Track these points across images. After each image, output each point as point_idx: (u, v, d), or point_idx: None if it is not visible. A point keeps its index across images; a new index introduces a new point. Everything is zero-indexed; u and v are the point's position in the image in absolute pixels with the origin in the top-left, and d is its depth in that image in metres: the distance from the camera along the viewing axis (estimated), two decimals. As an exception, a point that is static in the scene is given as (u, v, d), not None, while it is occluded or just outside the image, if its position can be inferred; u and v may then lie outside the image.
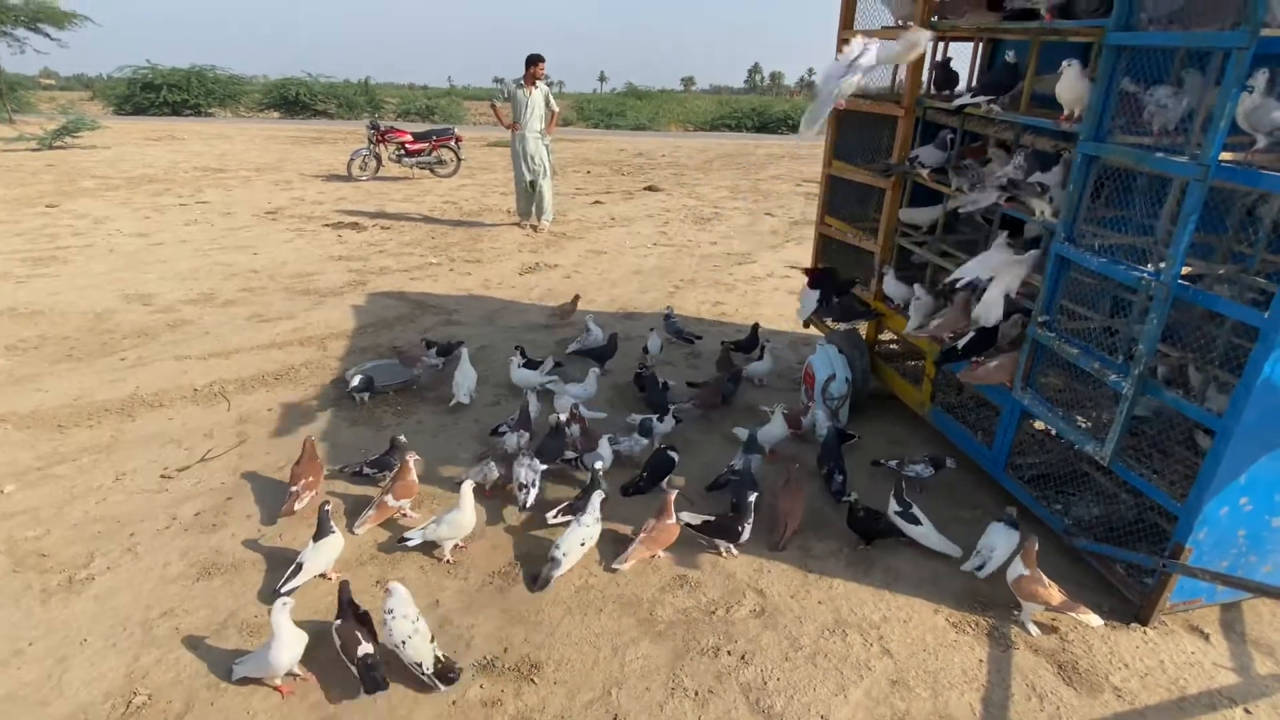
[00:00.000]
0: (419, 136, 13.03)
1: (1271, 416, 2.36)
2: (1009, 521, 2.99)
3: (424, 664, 2.37)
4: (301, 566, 2.73)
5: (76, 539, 3.05)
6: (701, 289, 7.02)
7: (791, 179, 14.89)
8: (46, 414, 4.07)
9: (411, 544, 2.91)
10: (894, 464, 3.71)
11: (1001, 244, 3.42)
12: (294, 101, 26.81)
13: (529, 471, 3.28)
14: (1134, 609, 2.80)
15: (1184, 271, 2.49)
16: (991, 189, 3.45)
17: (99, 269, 6.85)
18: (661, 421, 3.83)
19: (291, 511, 3.16)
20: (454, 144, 13.26)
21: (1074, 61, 2.97)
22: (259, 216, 9.47)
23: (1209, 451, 2.46)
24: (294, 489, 3.20)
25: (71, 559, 2.93)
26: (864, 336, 4.55)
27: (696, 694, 2.40)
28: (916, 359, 4.72)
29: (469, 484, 3.02)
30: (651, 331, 5.16)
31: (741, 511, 3.07)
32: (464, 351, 4.49)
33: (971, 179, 3.57)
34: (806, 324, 5.29)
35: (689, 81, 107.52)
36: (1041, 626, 2.72)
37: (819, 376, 4.23)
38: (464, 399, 4.30)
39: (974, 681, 2.48)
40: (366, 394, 4.34)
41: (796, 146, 22.06)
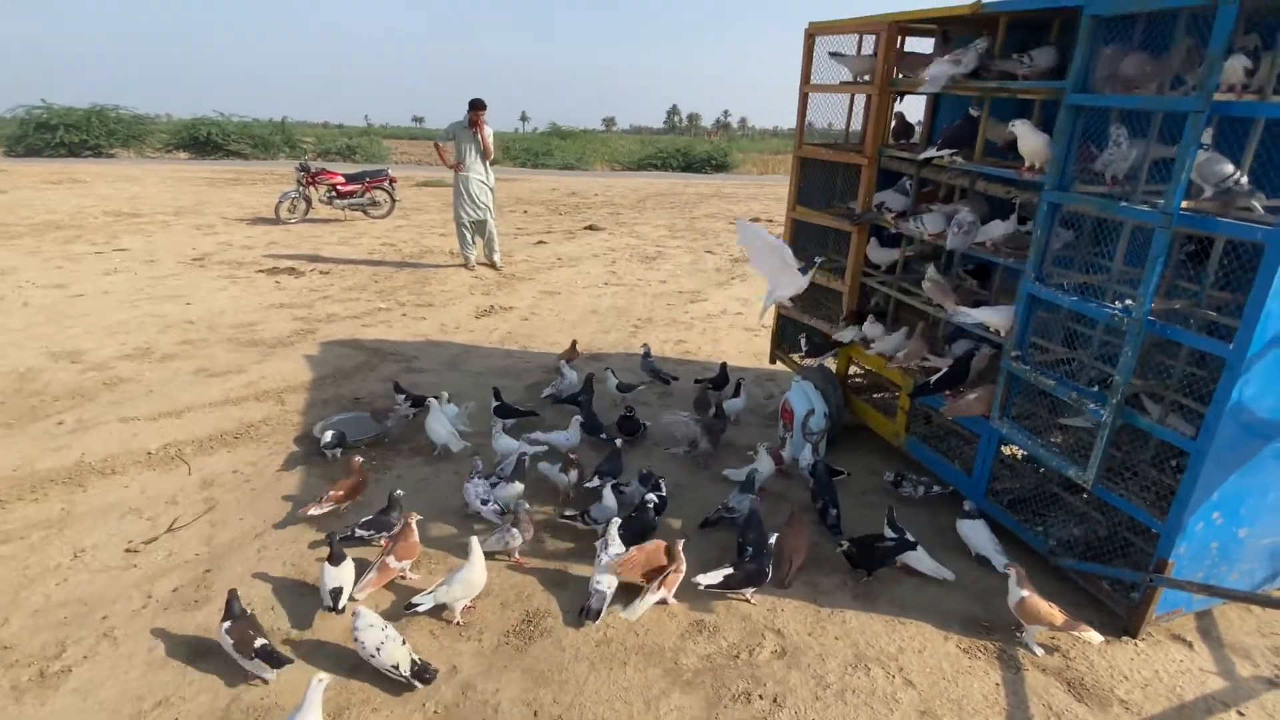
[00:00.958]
0: (351, 178, 12.75)
1: (1239, 438, 2.60)
2: (971, 514, 3.41)
3: (400, 665, 2.52)
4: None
5: (42, 627, 2.78)
6: (661, 328, 7.11)
7: (724, 217, 15.36)
8: (-20, 488, 3.71)
9: (422, 609, 2.80)
10: (890, 480, 3.95)
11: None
12: (205, 142, 25.67)
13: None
14: (1122, 622, 2.99)
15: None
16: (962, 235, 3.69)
17: (14, 324, 6.33)
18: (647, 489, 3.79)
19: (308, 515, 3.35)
20: (388, 185, 13.03)
21: (1024, 120, 3.26)
22: (185, 263, 9.00)
23: (1185, 471, 2.68)
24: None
25: (40, 650, 2.66)
26: (835, 371, 4.73)
27: (737, 742, 2.40)
28: (883, 391, 4.94)
29: (476, 540, 2.94)
30: (608, 371, 5.18)
31: (762, 554, 3.08)
32: (433, 403, 4.38)
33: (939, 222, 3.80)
34: (773, 360, 5.45)
35: (610, 122, 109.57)
36: (1044, 646, 2.86)
37: (798, 412, 4.35)
38: (454, 446, 4.21)
39: (995, 706, 2.58)
40: (339, 449, 4.17)
41: (721, 185, 22.82)
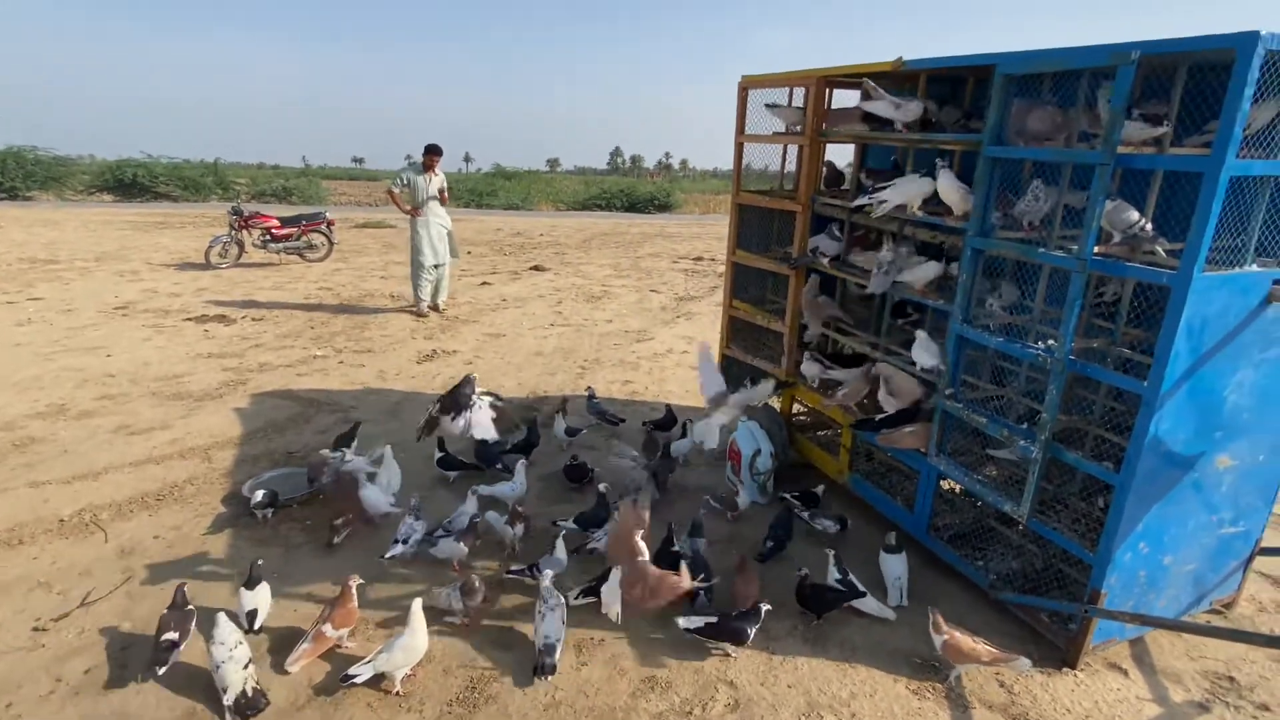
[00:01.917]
0: (287, 221, 12.45)
1: (1158, 469, 2.73)
2: (892, 548, 3.45)
3: (228, 691, 2.55)
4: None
5: (-70, 723, 2.53)
6: (608, 369, 7.10)
7: (668, 256, 15.58)
8: None
9: (360, 680, 2.65)
10: (806, 515, 3.94)
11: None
12: (131, 184, 24.81)
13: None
14: (1061, 654, 3.06)
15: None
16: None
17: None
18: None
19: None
20: (325, 228, 12.78)
21: (946, 170, 3.43)
22: (107, 313, 8.58)
23: (1111, 503, 2.79)
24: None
25: (-73, 751, 2.42)
26: (779, 409, 4.79)
27: (691, 804, 2.33)
28: (825, 429, 5.02)
29: (418, 602, 2.82)
30: (557, 415, 5.13)
31: (747, 615, 3.03)
32: (388, 450, 4.23)
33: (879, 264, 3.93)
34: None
35: (554, 163, 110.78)
36: (988, 681, 2.90)
37: (745, 453, 4.38)
38: (385, 508, 3.91)
39: (946, 747, 2.59)
40: (270, 510, 3.97)
41: (665, 225, 23.20)
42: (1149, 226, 2.87)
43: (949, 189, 3.36)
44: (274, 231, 12.16)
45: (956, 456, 3.48)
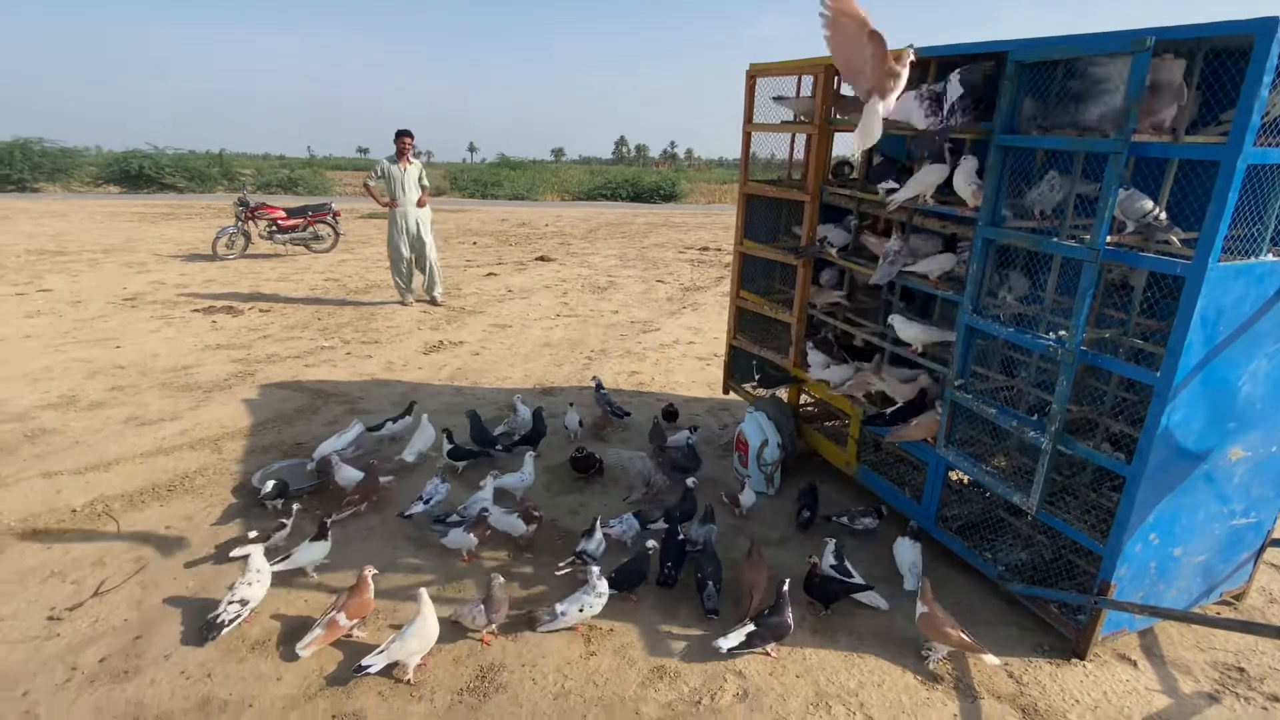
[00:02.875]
0: (293, 213, 12.47)
1: (1170, 461, 2.71)
2: (912, 536, 3.49)
3: (235, 601, 2.94)
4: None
5: (-52, 710, 2.56)
6: (615, 359, 7.10)
7: (674, 246, 15.54)
8: (-119, 557, 3.43)
9: (374, 670, 2.67)
10: (844, 518, 3.92)
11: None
12: (137, 175, 24.86)
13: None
14: (1071, 645, 3.05)
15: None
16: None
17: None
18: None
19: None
20: (331, 219, 12.79)
21: (968, 156, 3.39)
22: (116, 304, 8.62)
23: (1122, 495, 2.78)
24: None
25: (-54, 737, 2.45)
26: (787, 400, 4.78)
27: (701, 792, 2.34)
28: (833, 419, 5.01)
29: (425, 591, 2.84)
30: (570, 406, 5.14)
31: (781, 603, 3.02)
32: (425, 417, 4.57)
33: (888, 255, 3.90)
34: (726, 390, 5.48)
35: (559, 152, 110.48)
36: (996, 672, 2.91)
37: (752, 443, 4.38)
38: (410, 457, 4.23)
39: (954, 737, 2.59)
40: (280, 500, 3.99)
41: (670, 214, 23.13)
42: (1163, 216, 2.84)
43: (964, 180, 3.32)
44: (280, 222, 12.18)
45: (965, 447, 3.47)
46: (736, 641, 2.92)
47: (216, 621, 2.93)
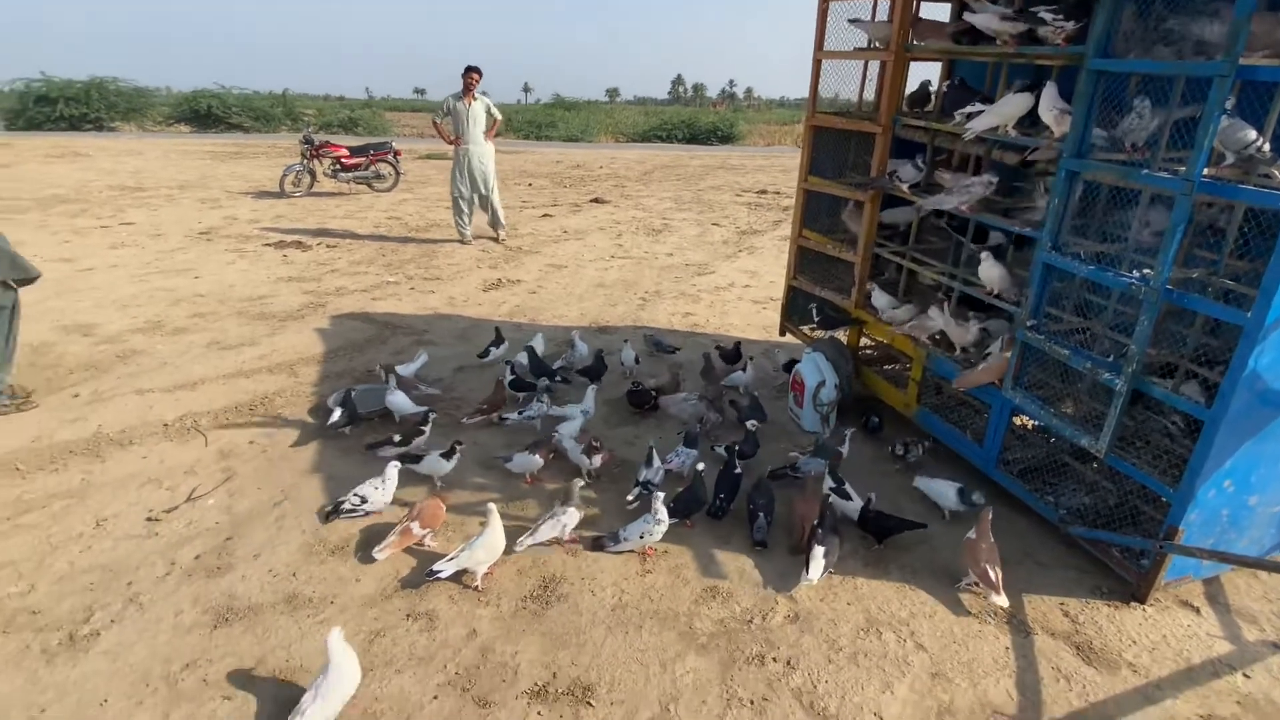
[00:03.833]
0: (355, 151, 12.67)
1: (1252, 406, 2.61)
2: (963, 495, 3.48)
3: (361, 497, 3.32)
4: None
5: (68, 592, 2.84)
6: (669, 301, 7.10)
7: (730, 189, 15.24)
8: (2, 459, 3.76)
9: (445, 575, 2.84)
10: (901, 450, 3.94)
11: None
12: (206, 115, 25.50)
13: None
14: (1131, 588, 3.02)
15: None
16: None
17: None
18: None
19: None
20: (392, 158, 12.95)
21: (1051, 83, 3.21)
22: (192, 237, 8.99)
23: (1199, 439, 2.69)
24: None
25: (68, 614, 2.72)
26: (846, 343, 4.73)
27: (752, 702, 2.45)
28: (893, 363, 4.95)
29: (493, 506, 2.97)
30: (626, 343, 5.20)
31: (831, 521, 3.17)
32: (539, 337, 5.06)
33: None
34: (783, 332, 5.45)
35: (614, 93, 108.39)
36: (1051, 610, 2.91)
37: (809, 384, 4.37)
38: (410, 409, 4.26)
39: (1005, 668, 2.62)
40: (349, 426, 4.17)
41: (727, 156, 22.61)
42: (1266, 147, 2.66)
43: (1049, 106, 3.16)
44: (344, 161, 12.40)
45: (1032, 390, 3.39)
46: (820, 569, 2.97)
47: (339, 506, 3.34)
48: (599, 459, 3.67)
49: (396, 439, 3.79)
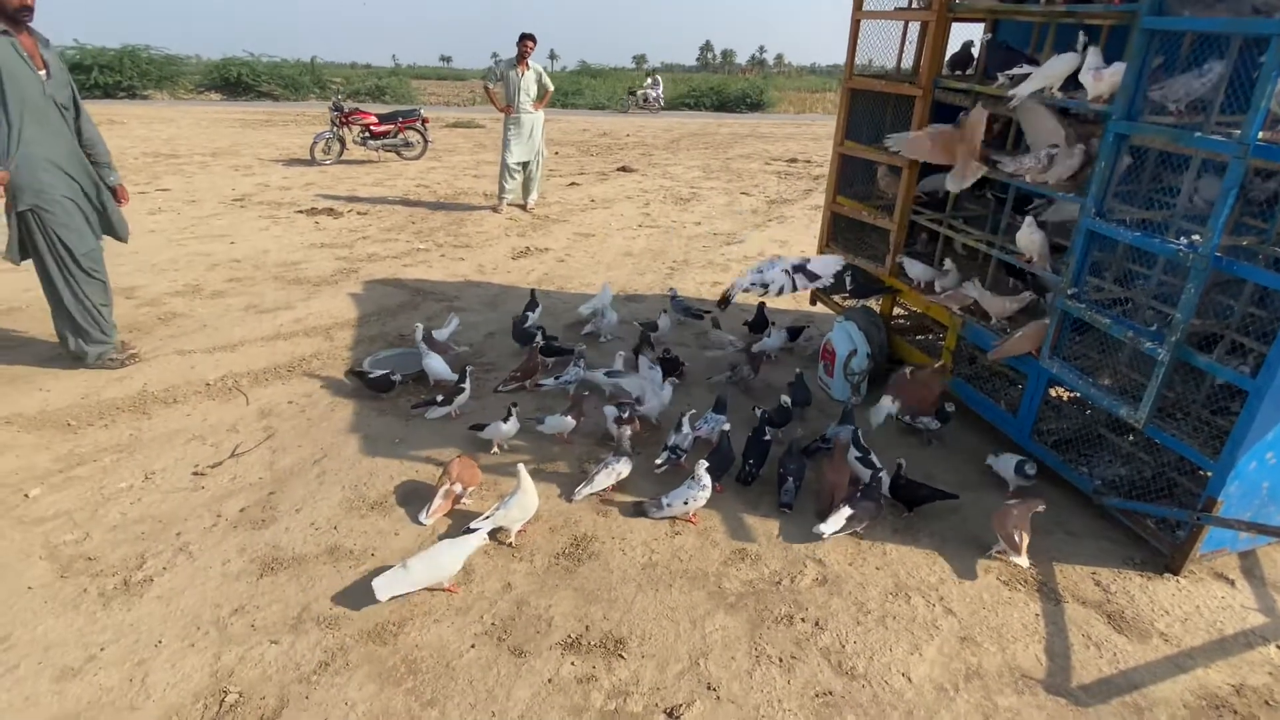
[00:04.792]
0: (384, 118, 12.69)
1: (1301, 377, 2.55)
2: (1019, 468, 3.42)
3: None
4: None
5: (121, 540, 2.96)
6: (697, 270, 7.08)
7: (760, 158, 15.03)
8: (54, 414, 3.90)
9: (482, 531, 2.91)
10: (907, 419, 3.91)
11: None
12: (236, 83, 25.64)
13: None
14: (1165, 560, 3.00)
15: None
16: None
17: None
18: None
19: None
20: (420, 125, 12.96)
21: (1095, 49, 3.11)
22: (227, 204, 9.12)
23: (1242, 410, 2.64)
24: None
25: (122, 561, 2.84)
26: (879, 312, 4.69)
27: (780, 660, 2.49)
28: (927, 333, 4.89)
29: (523, 467, 3.02)
30: (663, 313, 5.20)
31: (876, 481, 3.22)
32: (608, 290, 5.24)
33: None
34: (814, 301, 5.41)
35: (641, 59, 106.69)
36: (1083, 579, 2.90)
37: (840, 352, 4.35)
38: (446, 375, 4.28)
39: (1035, 634, 2.63)
40: (384, 391, 4.24)
41: (757, 124, 22.23)
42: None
43: (1090, 66, 3.06)
44: (373, 128, 12.43)
45: (1070, 361, 3.35)
46: (835, 526, 3.01)
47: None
48: (629, 430, 3.70)
49: (439, 399, 3.87)
